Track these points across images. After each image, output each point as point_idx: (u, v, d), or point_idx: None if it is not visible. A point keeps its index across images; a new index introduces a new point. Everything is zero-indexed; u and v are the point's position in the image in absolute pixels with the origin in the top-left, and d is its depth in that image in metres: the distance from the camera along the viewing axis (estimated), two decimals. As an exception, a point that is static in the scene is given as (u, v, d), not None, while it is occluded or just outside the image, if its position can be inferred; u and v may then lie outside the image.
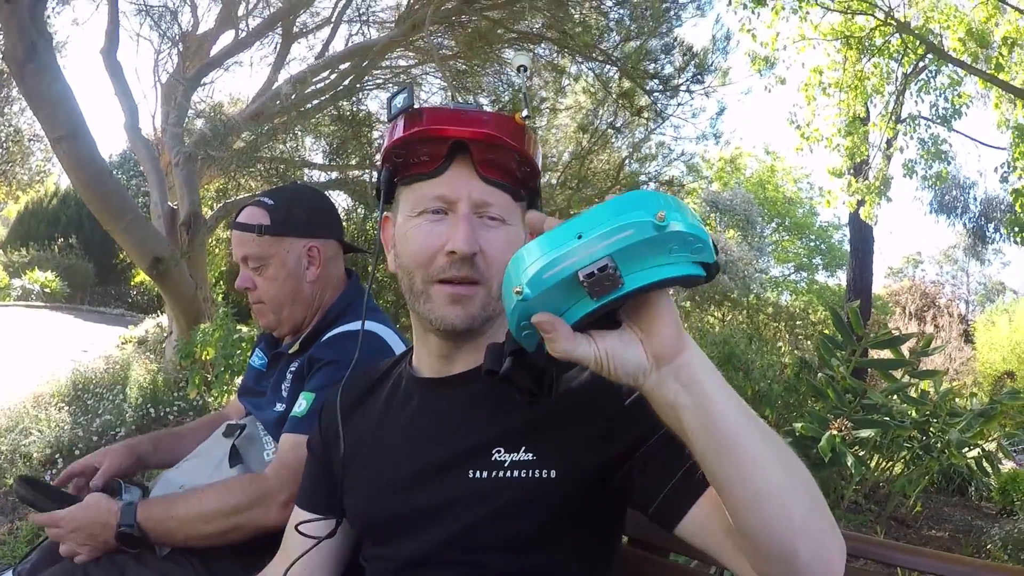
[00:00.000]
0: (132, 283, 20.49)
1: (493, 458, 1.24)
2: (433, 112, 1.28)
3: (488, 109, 1.36)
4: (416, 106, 1.28)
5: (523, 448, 1.23)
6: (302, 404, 1.84)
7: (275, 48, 10.29)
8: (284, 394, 2.00)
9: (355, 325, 1.98)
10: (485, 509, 1.22)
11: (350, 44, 9.52)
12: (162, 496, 1.87)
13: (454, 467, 1.27)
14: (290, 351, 2.08)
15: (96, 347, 10.47)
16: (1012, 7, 10.49)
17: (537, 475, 1.21)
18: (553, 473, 1.20)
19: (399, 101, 1.29)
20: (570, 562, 1.26)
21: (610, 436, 1.19)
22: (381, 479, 1.37)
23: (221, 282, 13.20)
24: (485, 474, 1.23)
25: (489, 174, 1.28)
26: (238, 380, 5.80)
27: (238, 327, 6.14)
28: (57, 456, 5.16)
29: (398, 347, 1.97)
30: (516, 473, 1.22)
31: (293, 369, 2.01)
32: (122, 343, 11.09)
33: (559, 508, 1.22)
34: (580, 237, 0.80)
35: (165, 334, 9.55)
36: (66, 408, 6.23)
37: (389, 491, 1.35)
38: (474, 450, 1.26)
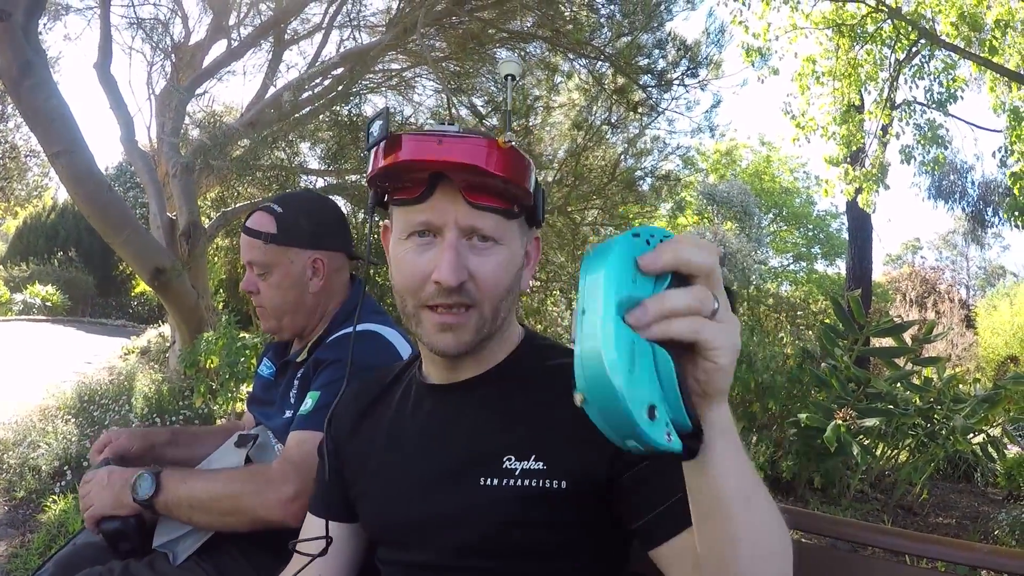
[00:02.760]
0: (132, 294, 20.52)
1: (504, 466, 1.24)
2: (411, 140, 1.22)
3: (474, 128, 1.27)
4: (393, 132, 1.25)
5: (533, 456, 1.23)
6: (307, 403, 1.85)
7: (268, 56, 10.31)
8: (292, 401, 2.01)
9: (359, 327, 2.00)
10: (497, 516, 1.23)
11: (342, 50, 9.51)
12: (180, 469, 1.89)
13: (466, 474, 1.27)
14: (298, 359, 2.09)
15: (99, 359, 10.51)
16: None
17: (547, 485, 1.21)
18: (564, 483, 1.21)
19: (375, 129, 1.26)
20: (580, 572, 1.27)
21: (620, 452, 1.19)
22: (394, 485, 1.37)
23: (221, 290, 13.21)
24: (496, 481, 1.24)
25: (476, 199, 1.23)
26: (243, 387, 5.82)
27: (241, 335, 6.15)
28: (65, 468, 5.18)
29: (403, 347, 1.98)
30: (527, 482, 1.22)
31: (300, 375, 2.02)
32: (125, 354, 11.10)
33: (569, 518, 1.22)
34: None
35: (168, 344, 9.57)
36: (72, 420, 6.24)
37: (402, 497, 1.35)
38: (485, 457, 1.27)
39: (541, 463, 1.22)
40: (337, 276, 2.15)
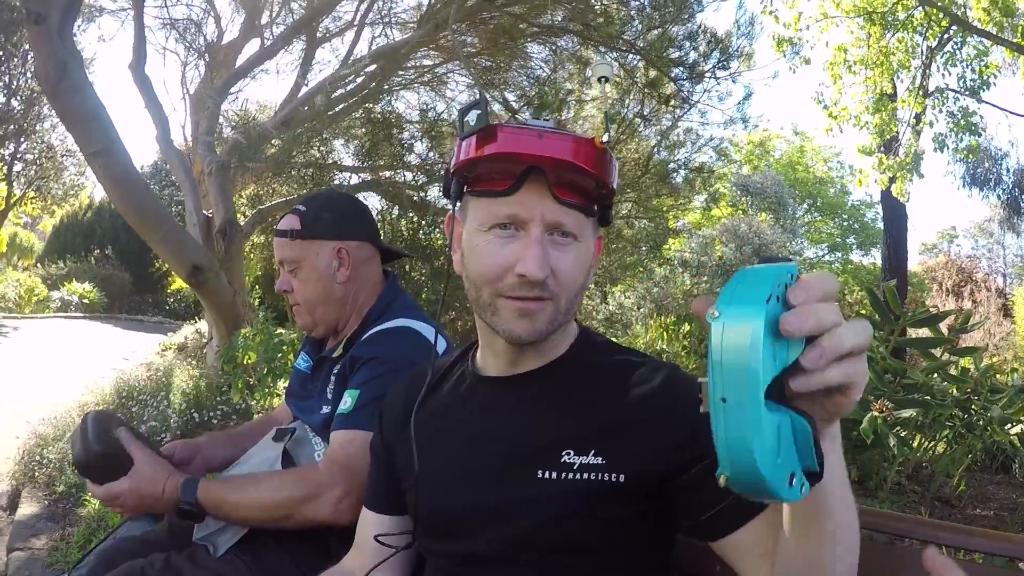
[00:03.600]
0: (168, 291, 20.70)
1: (563, 460, 1.24)
2: (509, 133, 1.25)
3: (570, 129, 1.29)
4: (491, 123, 1.25)
5: (592, 452, 1.24)
6: (347, 401, 1.87)
7: (300, 54, 10.36)
8: (329, 396, 2.02)
9: (394, 323, 2.02)
10: (554, 509, 1.23)
11: (374, 47, 9.55)
12: (222, 478, 1.93)
13: (522, 466, 1.28)
14: (334, 355, 2.11)
15: (137, 355, 10.58)
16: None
17: (606, 478, 1.22)
18: (622, 478, 1.22)
19: (472, 119, 1.27)
20: (627, 569, 1.27)
21: (681, 446, 1.20)
22: (446, 476, 1.38)
23: (257, 286, 13.31)
24: (554, 475, 1.24)
25: (564, 196, 1.26)
26: (280, 383, 5.88)
27: (278, 331, 6.20)
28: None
29: (439, 343, 1.98)
30: (586, 475, 1.23)
31: (336, 371, 2.04)
32: (162, 350, 11.17)
33: (626, 513, 1.24)
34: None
35: (205, 340, 9.65)
36: (111, 416, 6.28)
37: (455, 488, 1.36)
38: (543, 450, 1.27)
39: (600, 458, 1.23)
40: (365, 267, 2.18)
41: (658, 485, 1.22)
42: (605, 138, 1.26)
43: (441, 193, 1.48)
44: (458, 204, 1.40)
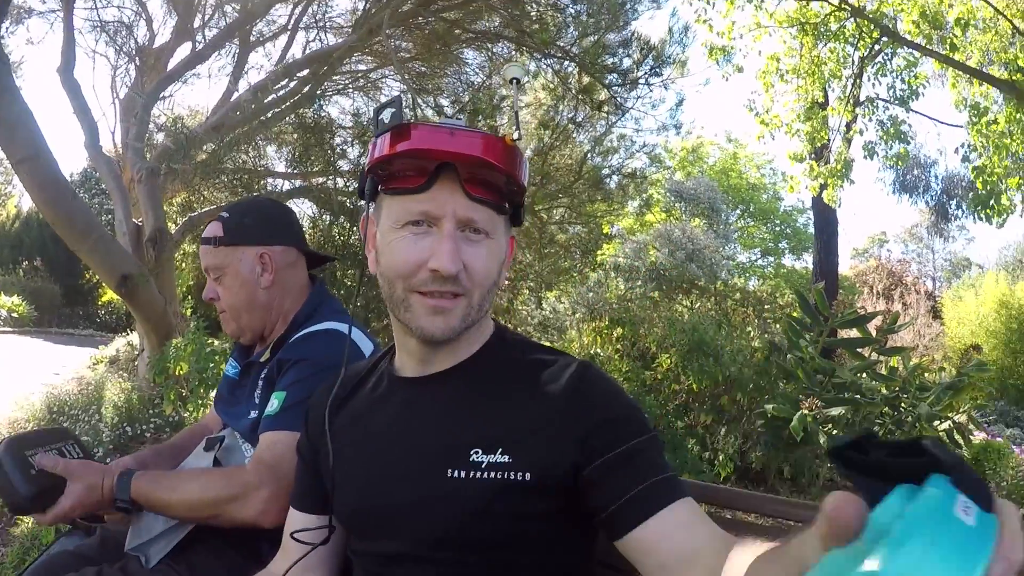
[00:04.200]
0: (100, 303, 20.31)
1: (471, 459, 1.26)
2: (423, 130, 1.28)
3: (479, 127, 1.32)
4: (404, 122, 1.28)
5: (500, 450, 1.25)
6: (274, 403, 1.86)
7: (233, 58, 10.25)
8: (257, 400, 2.01)
9: (321, 325, 2.02)
10: (464, 508, 1.24)
11: (308, 51, 9.49)
12: (152, 475, 1.89)
13: (434, 465, 1.29)
14: (261, 359, 2.10)
15: (68, 369, 10.37)
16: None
17: (513, 477, 1.23)
18: (528, 476, 1.23)
19: (387, 116, 1.29)
20: (545, 564, 1.29)
21: (583, 440, 1.22)
22: (364, 476, 1.38)
23: (190, 296, 13.12)
24: (463, 474, 1.25)
25: (475, 192, 1.28)
26: (212, 393, 5.77)
27: (210, 340, 6.09)
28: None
29: (365, 345, 2.01)
30: (493, 474, 1.24)
31: (264, 375, 2.03)
32: (94, 364, 10.96)
33: (533, 510, 1.25)
34: None
35: (136, 352, 9.48)
36: (42, 432, 6.14)
37: (371, 488, 1.36)
38: (453, 449, 1.28)
39: (507, 456, 1.24)
40: (290, 272, 2.16)
41: (565, 481, 1.24)
42: (516, 136, 1.30)
43: (357, 195, 1.49)
44: (372, 205, 1.41)
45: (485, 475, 1.24)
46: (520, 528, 1.25)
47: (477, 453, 1.26)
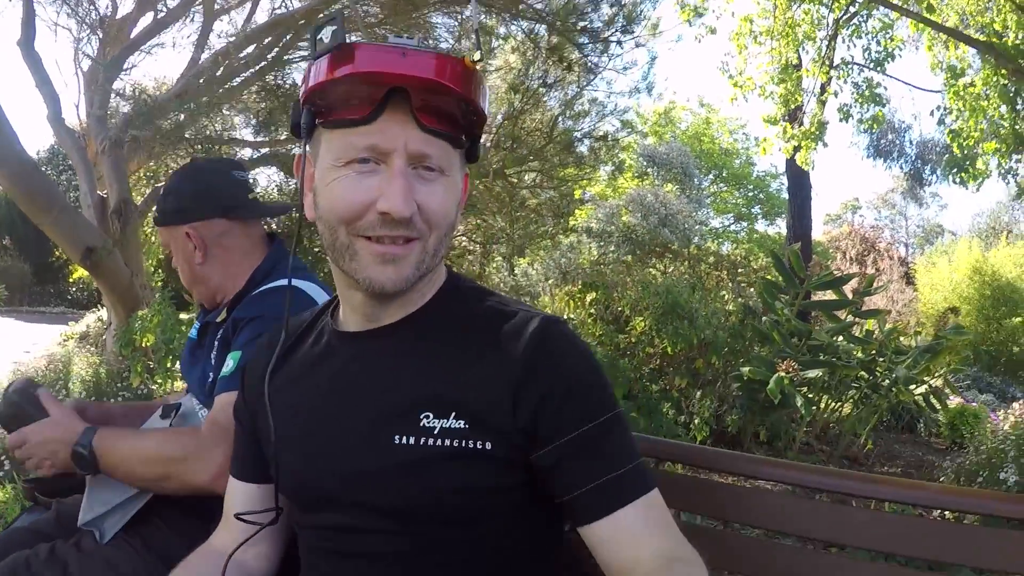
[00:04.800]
0: (71, 280, 20.11)
1: (421, 423, 1.14)
2: (369, 51, 1.11)
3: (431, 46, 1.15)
4: (347, 41, 1.11)
5: (453, 415, 1.14)
6: (229, 364, 1.79)
7: (197, 27, 10.07)
8: (213, 362, 1.94)
9: (278, 283, 1.95)
10: (415, 478, 1.14)
11: (272, 16, 9.32)
12: (117, 429, 1.86)
13: (379, 431, 1.17)
14: (217, 320, 2.03)
15: (38, 347, 10.37)
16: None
17: (470, 445, 1.13)
18: (489, 445, 1.13)
19: (326, 35, 1.13)
20: (510, 536, 1.20)
21: (541, 409, 1.13)
22: (305, 444, 1.26)
23: (160, 270, 12.99)
24: (411, 440, 1.14)
25: (429, 123, 1.13)
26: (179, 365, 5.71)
27: (177, 312, 6.03)
28: (3, 458, 5.05)
29: (324, 300, 1.94)
30: (447, 442, 1.13)
31: (220, 335, 1.96)
32: (64, 340, 10.92)
33: (496, 483, 1.15)
34: None
35: (105, 326, 9.40)
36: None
37: (313, 456, 1.24)
38: (401, 413, 1.17)
39: (463, 422, 1.14)
40: (225, 241, 2.07)
41: (531, 451, 1.15)
42: (476, 56, 1.14)
43: (291, 131, 1.34)
44: (309, 141, 1.24)
45: (437, 442, 1.13)
46: (477, 502, 1.15)
47: (428, 417, 1.15)
